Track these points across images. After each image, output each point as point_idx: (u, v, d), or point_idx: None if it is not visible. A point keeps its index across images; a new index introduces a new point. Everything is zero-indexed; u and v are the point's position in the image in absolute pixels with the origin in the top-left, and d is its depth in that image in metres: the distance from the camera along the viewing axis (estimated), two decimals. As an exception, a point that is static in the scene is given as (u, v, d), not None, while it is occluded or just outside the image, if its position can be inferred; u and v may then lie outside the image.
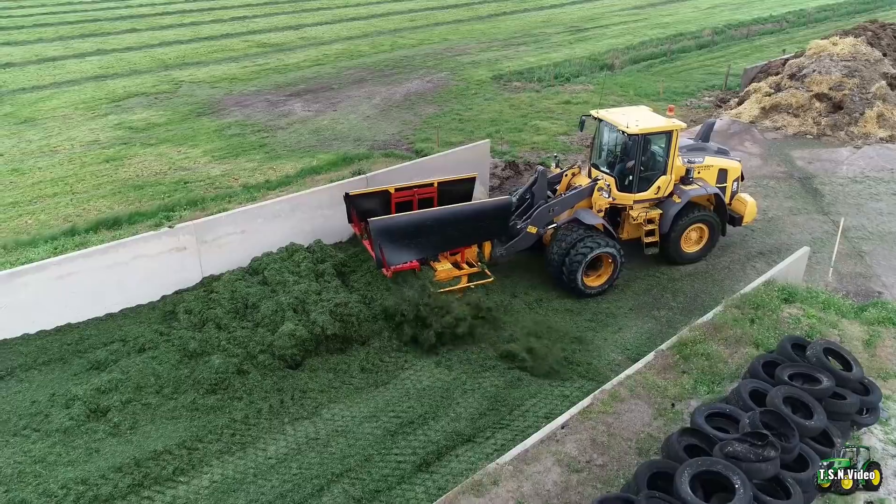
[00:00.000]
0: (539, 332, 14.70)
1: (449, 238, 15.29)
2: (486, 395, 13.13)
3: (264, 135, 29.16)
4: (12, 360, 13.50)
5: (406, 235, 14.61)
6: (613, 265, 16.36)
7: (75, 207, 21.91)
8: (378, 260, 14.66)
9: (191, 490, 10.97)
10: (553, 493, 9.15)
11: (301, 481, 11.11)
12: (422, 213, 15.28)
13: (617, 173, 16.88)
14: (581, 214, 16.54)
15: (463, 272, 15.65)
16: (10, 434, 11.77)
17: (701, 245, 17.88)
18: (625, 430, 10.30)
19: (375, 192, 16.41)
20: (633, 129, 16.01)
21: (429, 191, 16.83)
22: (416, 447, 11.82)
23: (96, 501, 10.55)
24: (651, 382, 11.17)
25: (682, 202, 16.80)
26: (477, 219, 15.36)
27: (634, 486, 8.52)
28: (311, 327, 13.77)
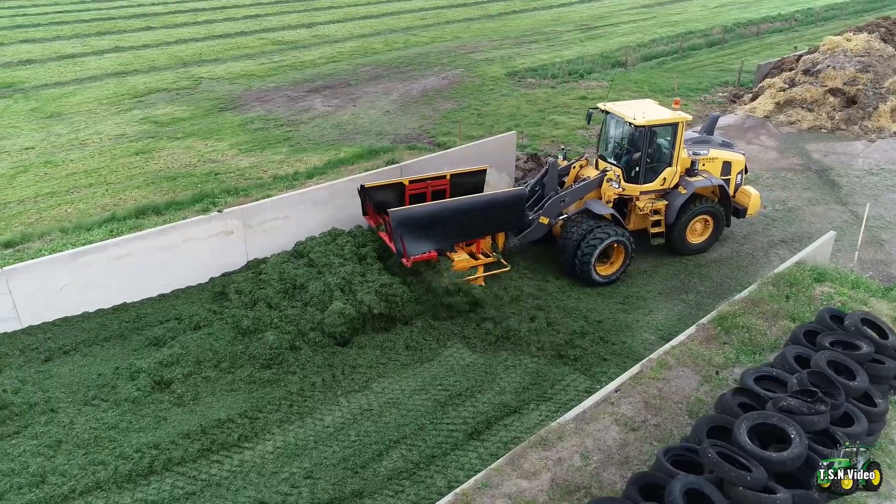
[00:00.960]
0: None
1: (466, 228, 15.54)
2: (527, 370, 13.72)
3: (287, 129, 29.73)
4: (76, 336, 14.14)
5: (425, 226, 14.87)
6: (624, 254, 16.72)
7: (112, 197, 22.49)
8: (398, 250, 14.89)
9: (256, 455, 11.57)
10: (613, 448, 9.77)
11: (361, 447, 11.70)
12: (440, 203, 15.51)
13: (624, 165, 17.23)
14: (591, 205, 16.86)
15: (479, 262, 15.86)
16: (81, 403, 12.38)
17: (706, 236, 18.20)
18: (674, 394, 10.92)
19: (390, 185, 16.68)
20: (639, 120, 16.35)
21: (441, 183, 17.10)
22: (466, 417, 12.42)
23: (170, 464, 11.15)
24: (695, 352, 11.80)
25: (688, 193, 17.12)
26: (493, 209, 15.60)
27: (695, 438, 9.13)
28: (358, 306, 14.38)
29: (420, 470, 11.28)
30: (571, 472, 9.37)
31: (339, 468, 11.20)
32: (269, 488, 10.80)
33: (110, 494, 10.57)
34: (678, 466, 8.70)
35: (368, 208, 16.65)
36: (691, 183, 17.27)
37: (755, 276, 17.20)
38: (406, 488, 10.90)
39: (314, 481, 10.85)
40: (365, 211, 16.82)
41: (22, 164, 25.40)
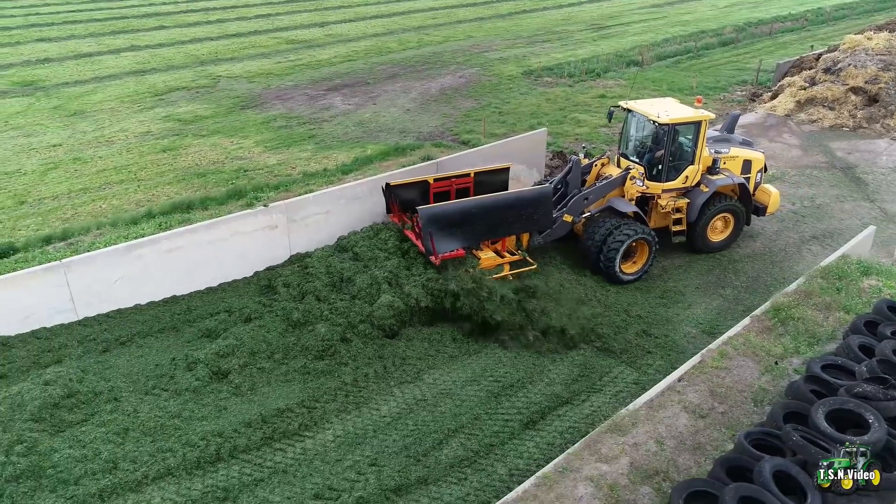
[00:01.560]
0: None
1: (493, 226, 15.46)
2: (574, 362, 13.97)
3: (310, 127, 29.94)
4: (131, 328, 14.37)
5: (453, 223, 14.83)
6: (648, 252, 16.83)
7: (144, 193, 22.69)
8: (427, 248, 14.86)
9: (318, 443, 11.79)
10: (685, 434, 10.01)
11: (420, 436, 11.92)
12: (468, 201, 15.49)
13: (646, 163, 17.31)
14: (615, 203, 16.99)
15: (505, 260, 15.81)
16: (142, 393, 12.60)
17: (726, 234, 18.32)
18: (737, 382, 11.16)
19: (414, 183, 16.72)
20: (663, 118, 16.44)
21: (466, 181, 17.15)
22: (520, 407, 12.65)
23: (235, 451, 11.38)
24: (753, 343, 12.04)
25: (710, 191, 17.25)
26: (520, 207, 15.54)
27: (771, 423, 9.36)
28: (405, 299, 14.60)
29: (480, 458, 11.50)
30: (648, 457, 9.61)
31: (402, 456, 11.41)
32: (336, 475, 11.01)
33: (181, 480, 10.77)
34: (759, 450, 8.94)
35: (393, 206, 16.73)
36: (713, 181, 17.37)
37: (790, 272, 17.46)
38: (468, 476, 11.12)
39: (379, 469, 11.06)
40: (389, 209, 16.92)
41: (51, 160, 25.59)
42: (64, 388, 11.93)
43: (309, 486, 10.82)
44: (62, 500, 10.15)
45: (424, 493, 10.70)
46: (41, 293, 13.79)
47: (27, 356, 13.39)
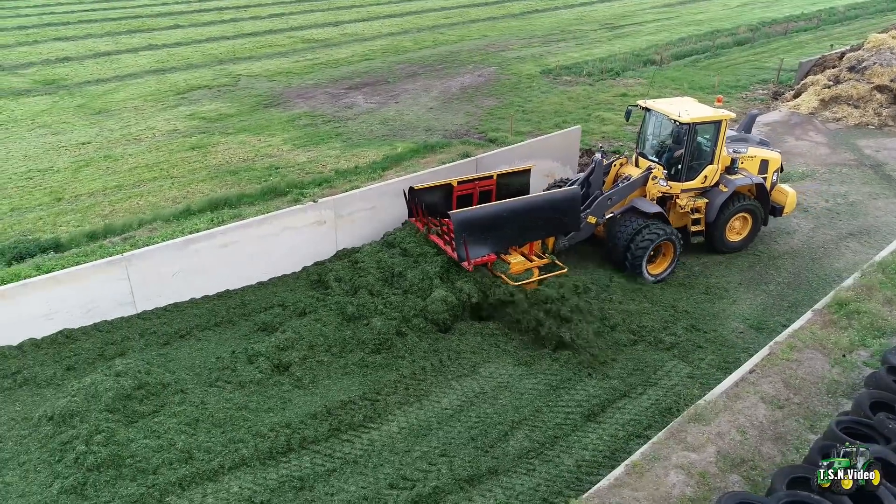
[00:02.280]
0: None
1: (524, 230, 15.17)
2: (629, 357, 14.09)
3: (336, 125, 30.09)
4: (189, 322, 14.53)
5: (485, 228, 14.55)
6: (673, 252, 16.74)
7: (179, 190, 22.83)
8: (461, 255, 14.57)
9: (384, 434, 11.94)
10: (765, 424, 10.17)
11: (485, 428, 12.07)
12: (499, 205, 15.09)
13: (664, 162, 17.22)
14: (639, 203, 16.80)
15: (535, 264, 15.46)
16: (206, 385, 12.75)
17: (744, 234, 18.20)
18: (809, 374, 11.32)
19: (438, 186, 16.38)
20: (685, 117, 16.30)
21: (489, 183, 16.86)
22: (580, 400, 12.80)
23: (305, 442, 11.53)
24: (819, 336, 12.21)
25: (729, 192, 17.13)
26: (549, 210, 15.28)
27: (858, 412, 9.52)
28: (458, 294, 14.73)
29: (546, 450, 11.64)
30: (734, 446, 9.77)
31: (470, 447, 11.55)
32: (407, 465, 11.16)
33: (256, 470, 10.91)
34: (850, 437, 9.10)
35: (419, 211, 16.38)
36: (732, 181, 17.29)
37: (830, 268, 17.62)
38: (536, 467, 11.26)
39: (449, 459, 11.20)
40: (411, 213, 16.61)
41: (82, 158, 25.75)
42: (134, 380, 12.07)
43: (382, 476, 10.95)
44: (143, 489, 10.28)
45: (496, 483, 10.83)
46: (103, 287, 13.94)
47: (92, 348, 13.55)
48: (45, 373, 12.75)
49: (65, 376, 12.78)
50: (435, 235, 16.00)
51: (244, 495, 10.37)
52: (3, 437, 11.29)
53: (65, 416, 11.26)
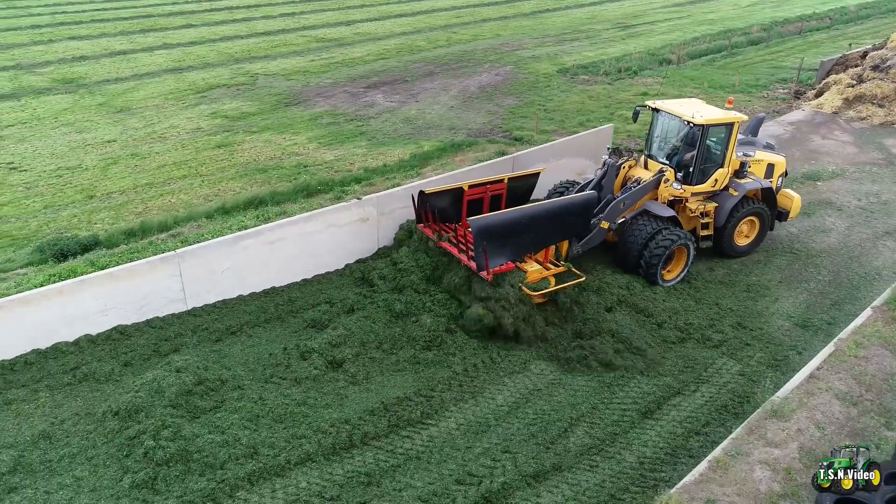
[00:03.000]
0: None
1: (541, 236, 14.54)
2: (678, 355, 14.12)
3: (359, 124, 30.09)
4: (239, 318, 14.56)
5: (503, 235, 13.89)
6: (686, 257, 16.41)
7: (210, 188, 22.84)
8: (480, 264, 13.89)
9: (443, 430, 11.97)
10: (842, 420, 10.21)
11: (544, 424, 12.10)
12: (517, 210, 14.43)
13: (676, 164, 16.86)
14: (652, 207, 16.44)
15: (551, 272, 14.80)
16: (262, 381, 12.77)
17: (751, 238, 17.97)
18: (878, 371, 11.36)
19: (448, 190, 15.75)
20: (698, 119, 15.93)
21: (499, 187, 16.31)
22: (635, 397, 12.82)
23: (366, 438, 11.56)
24: (884, 333, 12.24)
25: (739, 195, 16.83)
26: (566, 215, 14.72)
27: None
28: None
29: (606, 446, 11.67)
30: (815, 442, 9.80)
31: (532, 444, 11.58)
32: (471, 461, 11.17)
33: (322, 466, 10.94)
34: None
35: (429, 216, 15.67)
36: (742, 185, 17.00)
37: (869, 266, 17.66)
38: (599, 463, 11.29)
39: (513, 455, 11.22)
40: (420, 218, 15.90)
41: (109, 156, 25.76)
42: (195, 376, 12.09)
43: (447, 472, 10.97)
44: (213, 484, 10.30)
45: (561, 479, 10.85)
46: (156, 283, 13.96)
47: (147, 345, 13.59)
48: (104, 369, 12.78)
49: (123, 372, 12.81)
50: (447, 243, 15.34)
51: (313, 490, 10.39)
52: (69, 433, 11.31)
53: (130, 411, 11.28)
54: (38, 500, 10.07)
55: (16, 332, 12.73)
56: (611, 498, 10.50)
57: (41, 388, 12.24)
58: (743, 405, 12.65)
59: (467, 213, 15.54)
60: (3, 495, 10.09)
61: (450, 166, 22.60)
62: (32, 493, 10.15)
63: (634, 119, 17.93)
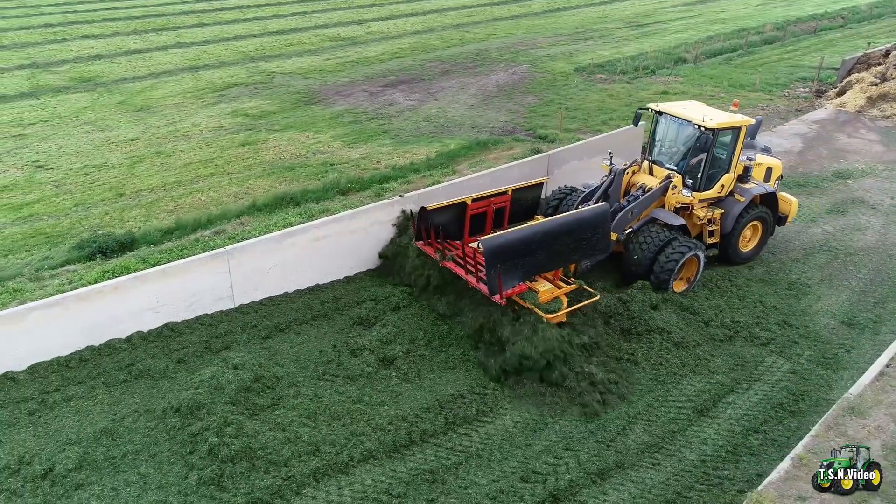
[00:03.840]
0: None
1: (555, 254, 13.26)
2: (727, 352, 14.07)
3: (380, 122, 30.03)
4: (286, 316, 14.52)
5: (516, 254, 12.69)
6: (697, 267, 15.77)
7: (239, 186, 22.77)
8: (492, 287, 12.68)
9: (500, 428, 11.95)
10: None
11: (601, 422, 12.07)
12: (530, 227, 13.31)
13: (683, 170, 16.19)
14: (661, 215, 15.74)
15: (563, 291, 13.78)
16: (315, 378, 12.73)
17: (754, 243, 17.45)
18: None
19: (450, 206, 14.89)
20: (709, 123, 15.27)
21: (503, 199, 15.54)
22: (689, 395, 12.78)
23: (425, 435, 11.52)
24: None
25: (746, 201, 16.36)
26: (582, 230, 13.39)
27: None
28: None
29: (666, 444, 11.63)
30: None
31: (591, 441, 11.53)
32: (532, 459, 11.13)
33: (384, 463, 10.91)
34: None
35: (429, 233, 14.62)
36: (748, 190, 16.51)
37: (910, 264, 17.57)
38: (660, 461, 11.24)
39: (574, 453, 11.18)
40: (419, 236, 14.91)
41: (134, 154, 25.70)
42: (252, 373, 12.05)
43: (509, 470, 10.92)
44: (279, 481, 10.25)
45: (625, 477, 10.80)
46: (206, 280, 13.91)
47: (198, 342, 13.55)
48: (158, 365, 12.73)
49: (177, 369, 12.76)
50: (451, 262, 14.25)
51: (380, 488, 10.34)
52: (131, 429, 11.26)
53: (192, 407, 11.23)
54: (105, 496, 10.02)
55: (72, 329, 12.69)
56: (677, 496, 10.44)
57: (98, 385, 12.19)
58: (798, 403, 12.61)
59: (470, 228, 15.16)
60: (70, 492, 10.04)
61: (486, 164, 22.54)
62: (100, 490, 10.10)
63: (635, 123, 17.29)
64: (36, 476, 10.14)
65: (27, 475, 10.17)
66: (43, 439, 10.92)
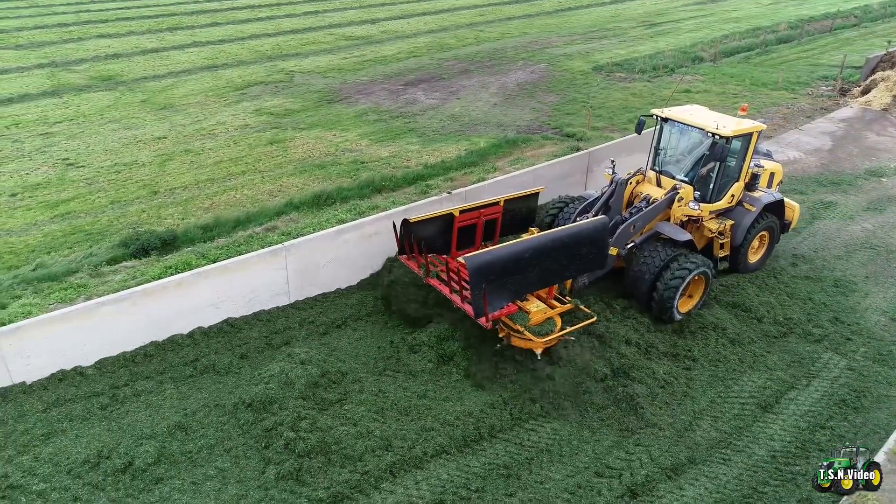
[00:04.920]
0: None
1: (548, 271, 12.29)
2: (783, 349, 14.10)
3: (405, 120, 30.01)
4: (341, 312, 14.54)
5: (505, 273, 11.66)
6: (704, 285, 14.59)
7: (272, 184, 22.75)
8: (478, 309, 11.70)
9: (565, 424, 11.91)
10: None
11: (668, 417, 11.99)
12: (520, 243, 12.07)
13: (694, 180, 15.09)
14: (666, 229, 14.58)
15: (556, 311, 12.85)
16: (376, 374, 12.72)
17: (761, 253, 16.70)
18: None
19: (435, 217, 13.79)
20: (725, 131, 14.20)
21: (494, 211, 14.36)
22: (751, 391, 12.82)
23: (493, 430, 11.54)
24: None
25: (757, 211, 15.48)
26: (578, 245, 12.43)
27: None
28: None
29: (734, 440, 11.64)
30: None
31: (662, 438, 11.48)
32: (604, 454, 11.12)
33: (458, 458, 10.91)
34: None
35: (413, 247, 13.62)
36: (758, 199, 15.63)
37: (953, 261, 17.58)
38: (731, 457, 11.25)
39: (646, 448, 11.17)
40: (402, 249, 13.89)
41: (163, 152, 25.68)
42: (318, 368, 12.06)
43: (582, 465, 10.91)
44: (357, 475, 10.24)
45: (698, 472, 10.81)
46: (264, 276, 13.89)
47: (258, 337, 13.54)
48: (222, 361, 12.74)
49: (241, 364, 12.76)
50: (435, 280, 13.36)
51: (457, 482, 10.33)
52: (203, 424, 11.25)
53: (263, 402, 11.22)
54: (186, 490, 10.01)
55: (137, 324, 12.69)
56: (753, 491, 10.45)
57: (165, 380, 12.19)
58: (860, 400, 12.63)
59: (458, 242, 14.16)
60: (150, 486, 10.03)
61: (526, 161, 22.53)
62: (180, 484, 10.09)
63: (638, 131, 15.85)
64: (116, 470, 10.13)
65: (107, 469, 10.16)
66: (118, 434, 10.91)
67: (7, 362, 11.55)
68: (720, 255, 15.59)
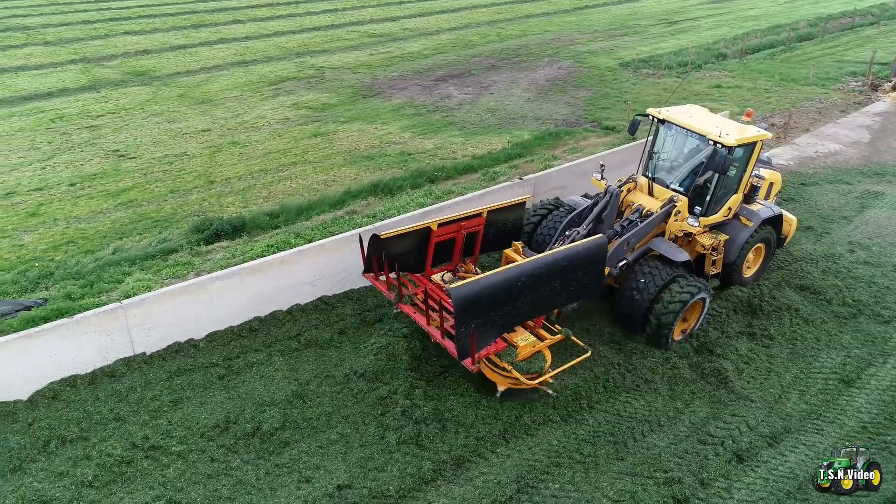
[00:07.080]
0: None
1: (542, 299, 10.93)
2: (856, 329, 14.50)
3: (443, 114, 30.38)
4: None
5: (495, 304, 10.11)
6: (701, 310, 13.39)
7: (325, 174, 23.13)
8: (463, 350, 10.04)
9: (656, 396, 12.25)
10: None
11: (755, 389, 12.38)
12: (513, 269, 10.53)
13: (690, 192, 13.80)
14: (663, 248, 13.28)
15: (546, 343, 11.56)
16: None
17: (756, 267, 15.48)
18: None
19: (411, 232, 12.20)
20: (728, 140, 12.93)
21: (476, 223, 12.87)
22: (832, 367, 13.25)
23: (591, 402, 11.95)
24: None
25: (755, 225, 14.22)
26: (575, 268, 11.02)
27: None
28: None
29: (823, 412, 12.10)
30: None
31: (755, 409, 11.88)
32: (702, 424, 11.53)
33: (563, 426, 11.31)
34: None
35: (383, 266, 12.02)
36: (756, 213, 14.34)
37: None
38: (823, 427, 11.71)
39: (742, 418, 11.59)
40: (369, 268, 12.29)
41: (210, 144, 26.04)
42: (420, 342, 12.45)
43: (682, 434, 11.35)
44: (472, 441, 10.71)
45: (796, 441, 11.24)
46: (355, 256, 14.13)
47: (353, 314, 13.93)
48: (323, 336, 13.12)
49: (341, 339, 13.15)
50: (409, 306, 11.78)
51: (570, 447, 10.72)
52: (318, 393, 11.66)
53: (376, 373, 11.59)
54: (314, 453, 10.41)
55: (242, 300, 13.05)
56: (852, 458, 10.78)
57: (274, 353, 12.59)
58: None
59: (433, 258, 12.73)
60: (279, 449, 10.44)
61: (585, 150, 22.91)
62: (307, 447, 10.51)
63: (632, 132, 14.58)
64: (246, 434, 10.54)
65: (237, 433, 10.58)
66: (238, 401, 11.31)
67: (132, 333, 11.93)
68: (711, 272, 14.26)
